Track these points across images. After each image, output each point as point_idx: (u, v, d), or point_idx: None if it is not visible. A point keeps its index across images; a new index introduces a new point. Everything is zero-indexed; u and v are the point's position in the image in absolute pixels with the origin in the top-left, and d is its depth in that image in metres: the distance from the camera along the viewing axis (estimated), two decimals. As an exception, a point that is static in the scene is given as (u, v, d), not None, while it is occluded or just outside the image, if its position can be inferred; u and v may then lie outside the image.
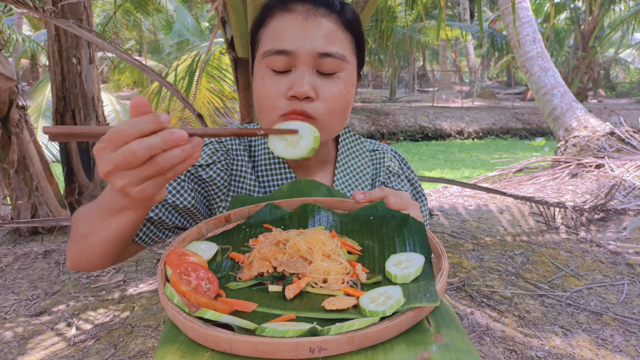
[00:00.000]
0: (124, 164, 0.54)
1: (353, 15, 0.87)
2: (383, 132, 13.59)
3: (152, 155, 0.54)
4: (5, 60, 3.28)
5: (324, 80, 0.83)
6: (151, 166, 0.54)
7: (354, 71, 0.88)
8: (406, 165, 1.05)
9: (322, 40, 0.81)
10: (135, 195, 0.57)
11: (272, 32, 0.83)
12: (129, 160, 0.53)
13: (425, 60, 28.52)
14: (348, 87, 0.85)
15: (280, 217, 0.80)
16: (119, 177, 0.55)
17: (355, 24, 0.87)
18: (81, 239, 0.73)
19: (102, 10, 13.70)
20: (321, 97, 0.82)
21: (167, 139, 0.54)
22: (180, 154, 0.55)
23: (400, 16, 13.96)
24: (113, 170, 0.55)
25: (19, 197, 3.57)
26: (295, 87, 0.80)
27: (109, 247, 0.72)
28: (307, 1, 0.84)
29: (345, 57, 0.84)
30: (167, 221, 0.88)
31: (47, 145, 8.47)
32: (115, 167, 0.54)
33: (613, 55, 21.35)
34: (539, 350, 2.11)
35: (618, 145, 5.79)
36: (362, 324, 0.49)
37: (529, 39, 6.69)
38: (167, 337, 0.54)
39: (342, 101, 0.85)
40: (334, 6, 0.85)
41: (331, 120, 0.85)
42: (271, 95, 0.82)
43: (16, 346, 2.16)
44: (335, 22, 0.83)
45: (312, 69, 0.82)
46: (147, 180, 0.56)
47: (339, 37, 0.84)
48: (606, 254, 3.14)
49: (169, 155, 0.54)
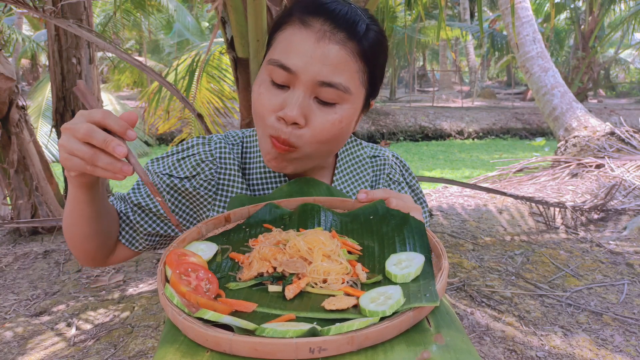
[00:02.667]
0: (72, 130, 0.64)
1: (375, 41, 0.80)
2: (383, 132, 13.59)
3: (89, 142, 0.64)
4: (5, 60, 3.28)
5: (320, 108, 0.78)
6: (84, 149, 0.64)
7: (358, 103, 0.82)
8: (407, 172, 1.03)
9: (328, 68, 0.76)
10: (61, 157, 0.67)
11: (284, 41, 0.79)
12: (76, 129, 0.64)
13: (425, 60, 28.52)
14: (345, 120, 0.79)
15: (280, 217, 0.80)
16: (64, 137, 0.66)
17: (374, 53, 0.80)
18: (64, 225, 0.83)
19: (102, 10, 13.69)
20: (310, 125, 0.78)
21: (109, 144, 0.64)
22: (107, 162, 0.65)
23: (400, 16, 13.95)
24: (67, 129, 0.66)
25: (19, 197, 3.57)
26: (286, 109, 0.76)
27: (79, 224, 0.80)
28: (329, 19, 0.76)
29: (349, 89, 0.78)
30: (146, 226, 0.90)
31: (47, 145, 8.46)
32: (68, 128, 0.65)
33: (613, 55, 21.35)
34: (539, 350, 2.11)
35: (618, 145, 5.79)
36: (362, 324, 0.49)
37: (529, 39, 6.69)
38: (167, 337, 0.54)
39: (333, 134, 0.79)
40: (355, 31, 0.77)
41: (316, 150, 0.81)
42: (264, 107, 0.80)
43: (16, 346, 2.16)
44: (349, 51, 0.77)
45: (310, 94, 0.77)
46: (73, 155, 0.66)
47: (349, 68, 0.77)
48: (606, 254, 3.14)
49: (100, 155, 0.65)
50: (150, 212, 0.90)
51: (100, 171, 0.66)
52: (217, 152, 0.92)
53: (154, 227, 0.91)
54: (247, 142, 0.96)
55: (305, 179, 0.87)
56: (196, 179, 0.89)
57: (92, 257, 0.86)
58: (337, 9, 0.77)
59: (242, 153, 0.95)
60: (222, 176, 0.91)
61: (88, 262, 0.88)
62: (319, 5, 0.78)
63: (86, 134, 0.64)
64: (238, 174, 0.92)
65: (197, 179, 0.89)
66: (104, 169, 0.65)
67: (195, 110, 2.46)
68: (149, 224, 0.90)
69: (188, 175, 0.89)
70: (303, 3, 0.80)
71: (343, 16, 0.77)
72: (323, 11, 0.77)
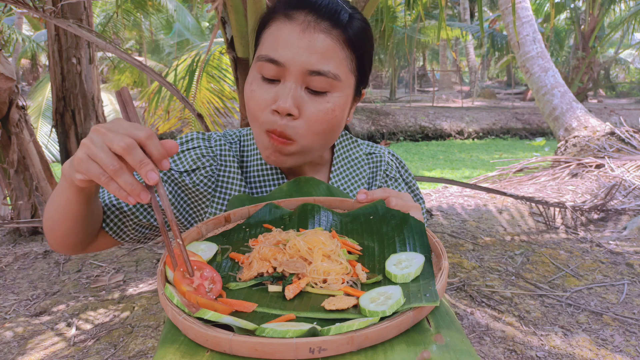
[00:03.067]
0: (108, 138, 0.59)
1: (360, 29, 0.82)
2: (383, 132, 13.59)
3: (123, 157, 0.59)
4: (5, 60, 3.28)
5: (312, 98, 0.80)
6: (108, 159, 0.59)
7: (349, 90, 0.84)
8: (404, 168, 1.04)
9: (316, 57, 0.77)
10: (77, 156, 0.61)
11: (270, 37, 0.81)
12: (112, 140, 0.59)
13: (425, 60, 28.52)
14: (337, 108, 0.81)
15: (280, 217, 0.80)
16: (92, 138, 0.61)
17: (360, 40, 0.82)
18: (47, 211, 0.79)
19: (102, 10, 13.68)
20: (304, 116, 0.80)
21: (144, 167, 0.58)
22: (128, 182, 0.59)
23: (400, 16, 13.95)
24: (100, 132, 0.60)
25: (19, 197, 3.57)
26: (279, 102, 0.78)
27: (62, 217, 0.76)
28: (312, 11, 0.79)
29: (339, 76, 0.79)
30: (139, 215, 0.86)
31: (47, 145, 8.47)
32: (103, 134, 0.60)
33: (613, 55, 21.36)
34: (539, 350, 2.11)
35: (618, 145, 5.79)
36: (362, 324, 0.49)
37: (529, 39, 6.69)
38: (167, 337, 0.54)
39: (327, 123, 0.81)
40: (339, 20, 0.79)
41: (312, 141, 0.82)
42: (257, 103, 0.81)
43: (16, 346, 2.16)
44: (335, 38, 0.79)
45: (301, 84, 0.79)
46: (93, 161, 0.60)
47: (336, 56, 0.79)
48: (606, 254, 3.14)
49: (123, 173, 0.59)
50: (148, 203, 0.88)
51: (114, 187, 0.59)
52: (218, 150, 0.92)
53: (148, 218, 0.88)
54: (245, 141, 0.96)
55: (305, 179, 0.87)
56: (196, 173, 0.89)
57: (71, 247, 0.83)
58: (319, 0, 0.80)
59: (240, 151, 0.95)
60: (221, 173, 0.91)
61: (65, 251, 0.84)
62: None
63: (125, 148, 0.58)
64: (237, 171, 0.92)
65: (197, 174, 0.89)
66: (120, 187, 0.59)
67: (195, 110, 2.46)
68: (144, 215, 0.87)
69: (188, 169, 0.88)
70: (284, 0, 0.83)
71: (325, 6, 0.79)
72: (305, 3, 0.80)
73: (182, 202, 0.90)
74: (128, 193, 0.59)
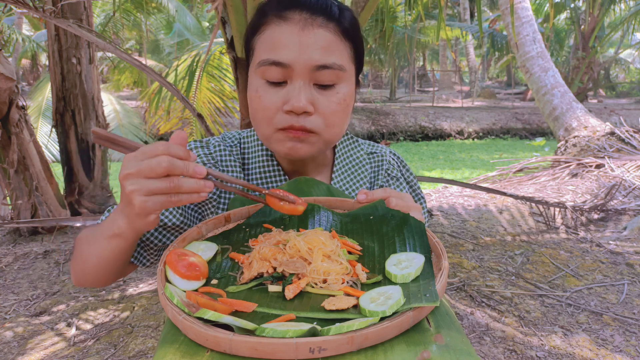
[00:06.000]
0: (146, 170, 0.60)
1: (352, 20, 0.85)
2: (383, 132, 13.59)
3: (171, 173, 0.61)
4: (5, 60, 3.28)
5: (322, 92, 0.81)
6: (164, 183, 0.61)
7: (352, 79, 0.86)
8: (405, 168, 1.04)
9: (319, 51, 0.79)
10: (137, 204, 0.62)
11: (267, 41, 0.81)
12: (152, 167, 0.60)
13: (425, 60, 28.51)
14: (347, 98, 0.84)
15: (280, 217, 0.80)
16: (134, 182, 0.61)
17: (354, 30, 0.85)
18: (81, 259, 0.78)
19: (102, 10, 13.68)
20: (319, 111, 0.81)
21: (189, 167, 0.62)
22: (193, 184, 0.62)
23: (400, 16, 13.95)
24: (133, 174, 0.61)
25: (19, 197, 3.56)
26: (292, 102, 0.78)
27: (103, 267, 0.77)
28: (304, 9, 0.80)
29: (343, 66, 0.81)
30: (157, 241, 0.87)
31: (47, 145, 8.46)
32: (137, 172, 0.61)
33: (613, 55, 21.35)
34: (539, 350, 2.11)
35: (618, 145, 5.79)
36: (362, 324, 0.49)
37: (529, 39, 6.68)
38: (167, 337, 0.55)
39: (342, 113, 0.83)
40: (332, 13, 0.82)
41: (332, 132, 0.84)
42: (267, 108, 0.80)
43: (16, 346, 2.16)
44: (333, 31, 0.81)
45: (309, 82, 0.80)
46: (153, 195, 0.62)
47: (337, 47, 0.81)
48: (606, 254, 3.14)
49: (184, 180, 0.62)
50: (166, 227, 0.87)
51: (185, 197, 0.63)
52: (218, 156, 0.92)
53: (165, 241, 0.89)
54: (246, 143, 0.96)
55: (305, 179, 0.87)
56: None
57: (102, 283, 0.84)
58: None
59: (241, 153, 0.95)
60: None
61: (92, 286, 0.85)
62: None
63: (169, 167, 0.61)
64: (240, 175, 0.92)
65: None
66: (189, 193, 0.63)
67: (196, 110, 2.46)
68: (168, 237, 0.88)
69: None
70: (274, 3, 0.83)
71: (316, 2, 0.82)
72: (297, 3, 0.81)
73: (190, 210, 0.90)
74: (198, 191, 0.63)
